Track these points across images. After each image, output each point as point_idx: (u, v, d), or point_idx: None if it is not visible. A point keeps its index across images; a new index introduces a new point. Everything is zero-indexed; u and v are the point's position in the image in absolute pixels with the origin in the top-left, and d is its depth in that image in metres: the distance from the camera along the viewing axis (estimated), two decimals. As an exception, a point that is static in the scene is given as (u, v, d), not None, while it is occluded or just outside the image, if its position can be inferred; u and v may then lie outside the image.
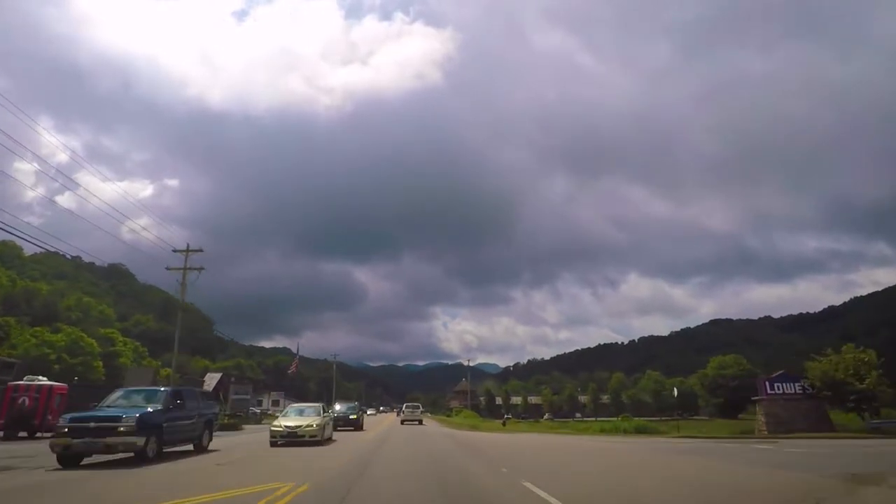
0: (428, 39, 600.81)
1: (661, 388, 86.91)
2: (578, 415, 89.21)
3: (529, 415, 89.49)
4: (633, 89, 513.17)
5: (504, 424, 43.61)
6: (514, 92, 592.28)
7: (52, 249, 38.99)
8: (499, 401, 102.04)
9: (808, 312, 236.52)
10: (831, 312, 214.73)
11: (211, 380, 47.12)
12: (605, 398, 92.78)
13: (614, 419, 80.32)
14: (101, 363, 50.50)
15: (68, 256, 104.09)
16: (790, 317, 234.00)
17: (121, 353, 57.09)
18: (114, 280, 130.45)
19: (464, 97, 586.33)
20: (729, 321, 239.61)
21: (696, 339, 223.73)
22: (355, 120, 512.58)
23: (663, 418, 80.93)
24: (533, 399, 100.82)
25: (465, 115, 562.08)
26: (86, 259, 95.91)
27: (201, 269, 30.03)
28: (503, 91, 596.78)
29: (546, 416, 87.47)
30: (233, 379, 49.10)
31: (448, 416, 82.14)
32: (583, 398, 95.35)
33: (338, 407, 30.62)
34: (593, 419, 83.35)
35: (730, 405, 74.49)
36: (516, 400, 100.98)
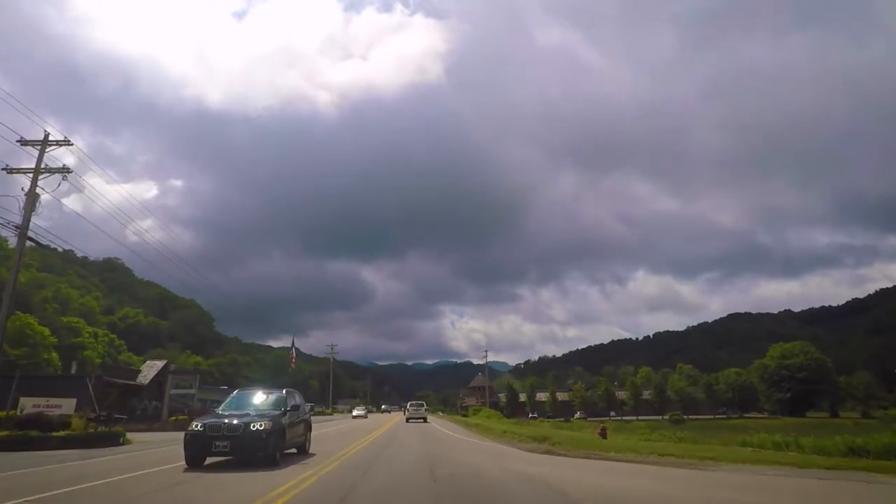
0: (429, 32, 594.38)
1: (713, 381, 77.28)
2: (613, 413, 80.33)
3: (557, 413, 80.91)
4: (639, 83, 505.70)
5: (604, 436, 20.67)
6: (519, 87, 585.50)
7: (46, 242, 31.55)
8: (522, 398, 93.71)
9: (830, 306, 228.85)
10: (855, 305, 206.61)
11: (149, 369, 38.71)
12: (648, 394, 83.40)
13: (660, 417, 72.18)
14: (56, 355, 42.51)
15: (60, 249, 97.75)
16: (812, 310, 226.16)
17: (88, 345, 48.79)
18: (105, 274, 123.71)
19: (467, 92, 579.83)
20: (748, 315, 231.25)
21: (715, 334, 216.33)
22: (358, 117, 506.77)
23: (717, 416, 72.47)
24: (560, 395, 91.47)
25: (469, 111, 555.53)
26: (79, 253, 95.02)
27: (66, 170, 18.82)
28: (507, 86, 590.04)
29: (578, 414, 78.93)
30: (172, 368, 41.05)
31: (464, 415, 71.12)
32: (620, 394, 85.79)
33: (256, 400, 13.30)
34: (634, 418, 74.92)
35: (798, 401, 64.74)
36: (542, 396, 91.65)
